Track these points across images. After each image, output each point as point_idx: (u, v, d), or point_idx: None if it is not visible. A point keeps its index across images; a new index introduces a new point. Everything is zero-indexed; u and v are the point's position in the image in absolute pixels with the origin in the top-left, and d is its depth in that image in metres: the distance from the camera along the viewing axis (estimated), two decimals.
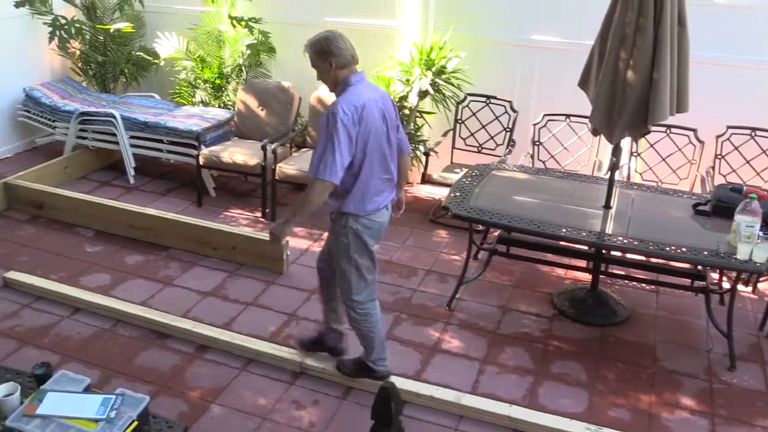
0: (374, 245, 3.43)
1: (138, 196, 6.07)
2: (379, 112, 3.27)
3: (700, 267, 4.25)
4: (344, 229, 3.34)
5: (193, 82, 6.77)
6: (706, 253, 3.73)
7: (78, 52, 7.04)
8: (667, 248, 3.79)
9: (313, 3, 6.41)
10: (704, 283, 4.19)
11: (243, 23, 6.29)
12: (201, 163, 5.82)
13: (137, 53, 7.04)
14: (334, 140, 3.08)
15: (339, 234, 3.37)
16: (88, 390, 2.81)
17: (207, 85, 6.69)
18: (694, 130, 5.19)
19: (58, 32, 6.39)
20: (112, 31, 6.85)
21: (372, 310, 3.55)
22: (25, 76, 6.79)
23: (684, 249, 3.78)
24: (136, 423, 2.63)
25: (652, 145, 5.32)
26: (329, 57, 3.19)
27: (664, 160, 5.31)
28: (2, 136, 6.77)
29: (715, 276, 4.52)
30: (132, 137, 6.21)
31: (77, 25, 6.53)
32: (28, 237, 5.30)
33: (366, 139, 3.18)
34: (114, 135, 6.18)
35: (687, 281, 4.31)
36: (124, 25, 6.80)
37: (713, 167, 5.23)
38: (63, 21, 6.43)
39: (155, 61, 6.97)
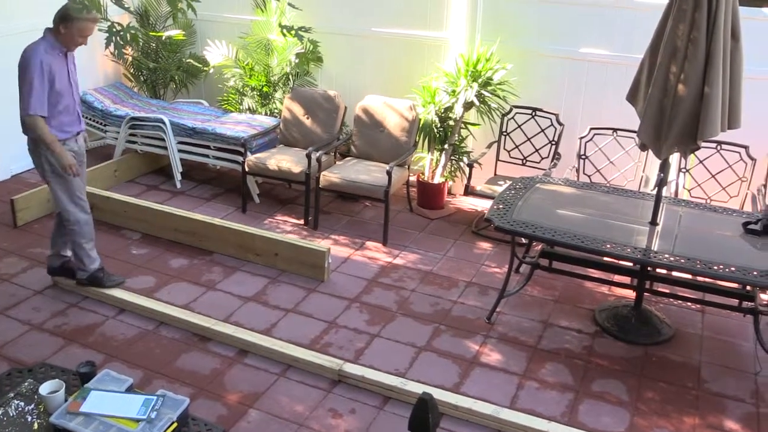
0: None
1: (184, 200, 6.17)
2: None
3: (749, 287, 4.15)
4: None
5: (241, 90, 6.86)
6: (756, 273, 3.63)
7: (130, 59, 7.20)
8: (715, 267, 3.71)
9: (362, 14, 6.45)
10: (753, 303, 4.08)
11: (293, 32, 6.35)
12: (246, 169, 5.90)
13: (187, 60, 7.17)
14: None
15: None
16: (130, 390, 2.86)
17: (254, 92, 6.78)
18: (746, 147, 5.07)
19: (114, 38, 6.52)
20: (164, 38, 7.00)
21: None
22: (78, 80, 6.94)
23: (733, 268, 3.69)
24: (175, 424, 2.66)
25: (701, 161, 5.21)
26: (61, 22, 4.30)
27: (713, 176, 5.20)
28: None
29: (764, 297, 4.40)
30: (180, 143, 6.33)
31: (132, 32, 6.65)
32: None
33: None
34: (163, 140, 6.30)
35: (735, 301, 4.20)
36: (175, 33, 6.92)
37: (765, 185, 5.08)
38: (118, 27, 6.57)
39: (205, 68, 7.09)
